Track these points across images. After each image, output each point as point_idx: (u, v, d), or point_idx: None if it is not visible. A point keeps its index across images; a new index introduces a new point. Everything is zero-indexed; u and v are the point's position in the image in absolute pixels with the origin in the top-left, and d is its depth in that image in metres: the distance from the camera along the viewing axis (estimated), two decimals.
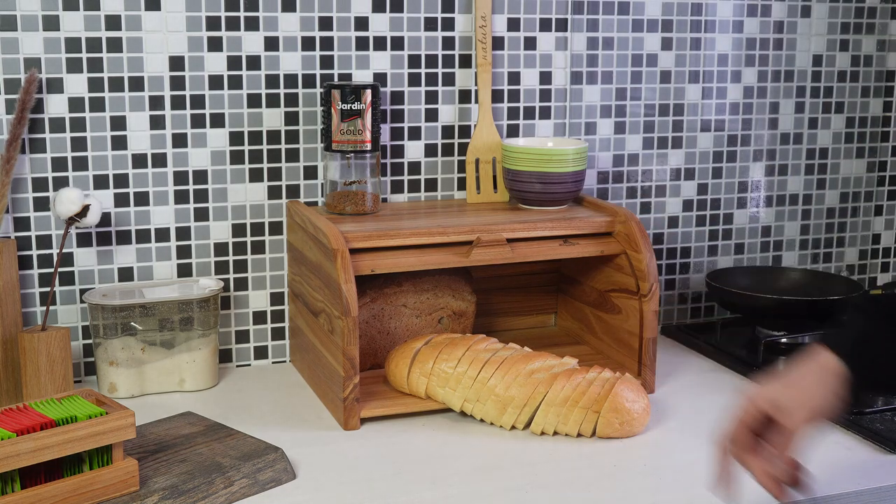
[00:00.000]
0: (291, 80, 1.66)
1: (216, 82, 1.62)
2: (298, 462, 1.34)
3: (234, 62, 1.62)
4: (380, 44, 1.70)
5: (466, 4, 1.73)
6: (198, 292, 1.59)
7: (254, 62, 1.63)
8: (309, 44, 1.66)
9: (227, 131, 1.64)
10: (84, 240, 1.60)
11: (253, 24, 1.62)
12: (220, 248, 1.68)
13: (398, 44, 1.71)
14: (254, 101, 1.65)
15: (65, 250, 1.59)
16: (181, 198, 1.64)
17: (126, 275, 1.63)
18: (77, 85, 1.55)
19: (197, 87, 1.61)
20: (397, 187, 1.76)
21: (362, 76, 1.70)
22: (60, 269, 1.59)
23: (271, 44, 1.64)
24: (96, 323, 1.54)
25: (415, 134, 1.75)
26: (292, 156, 1.68)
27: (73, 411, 1.17)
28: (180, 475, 1.24)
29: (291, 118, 1.67)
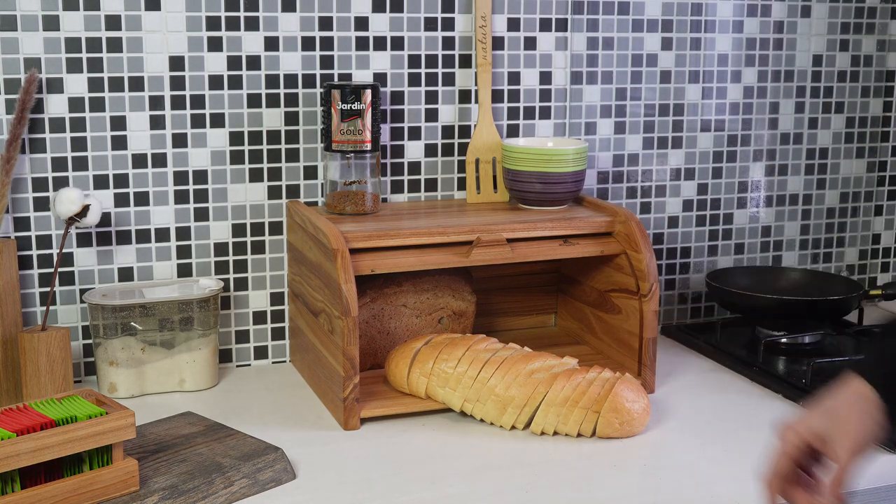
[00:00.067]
0: (291, 80, 1.66)
1: (216, 82, 1.62)
2: (298, 462, 1.34)
3: (234, 62, 1.62)
4: (380, 44, 1.70)
5: (466, 4, 1.73)
6: (198, 292, 1.59)
7: (254, 62, 1.63)
8: (309, 44, 1.66)
9: (227, 131, 1.64)
10: (84, 240, 1.60)
11: (253, 24, 1.62)
12: (220, 248, 1.68)
13: (398, 44, 1.71)
14: (254, 101, 1.65)
15: (65, 250, 1.59)
16: (181, 198, 1.64)
17: (126, 275, 1.63)
18: (77, 85, 1.55)
19: (197, 87, 1.61)
20: (397, 187, 1.76)
21: (362, 76, 1.70)
22: (60, 269, 1.59)
23: (271, 44, 1.64)
24: (96, 323, 1.54)
25: (415, 134, 1.75)
26: (292, 156, 1.68)
27: (73, 411, 1.16)
28: (180, 475, 1.24)
29: (291, 118, 1.67)
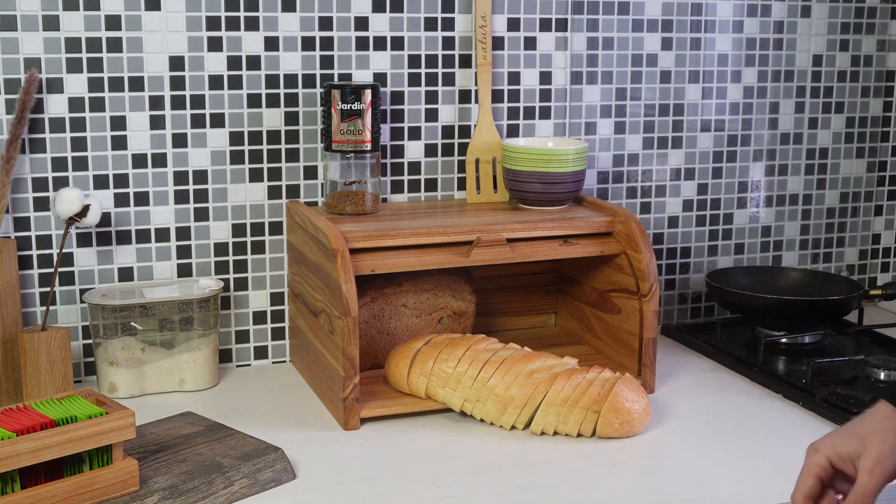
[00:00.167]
0: (291, 80, 1.66)
1: (216, 82, 1.62)
2: (298, 462, 1.34)
3: (234, 62, 1.62)
4: (380, 44, 1.70)
5: (466, 4, 1.73)
6: (198, 292, 1.59)
7: (254, 62, 1.63)
8: (309, 44, 1.66)
9: (227, 131, 1.64)
10: (84, 240, 1.60)
11: (253, 24, 1.62)
12: (220, 248, 1.68)
13: (398, 44, 1.71)
14: (254, 101, 1.65)
15: (65, 250, 1.59)
16: (181, 198, 1.64)
17: (126, 275, 1.63)
18: (77, 85, 1.55)
19: (197, 87, 1.61)
20: (397, 187, 1.76)
21: (362, 76, 1.70)
22: (60, 269, 1.59)
23: (271, 44, 1.64)
24: (96, 323, 1.54)
25: (415, 134, 1.75)
26: (292, 156, 1.68)
27: (73, 411, 1.16)
28: (180, 475, 1.24)
29: (291, 118, 1.67)
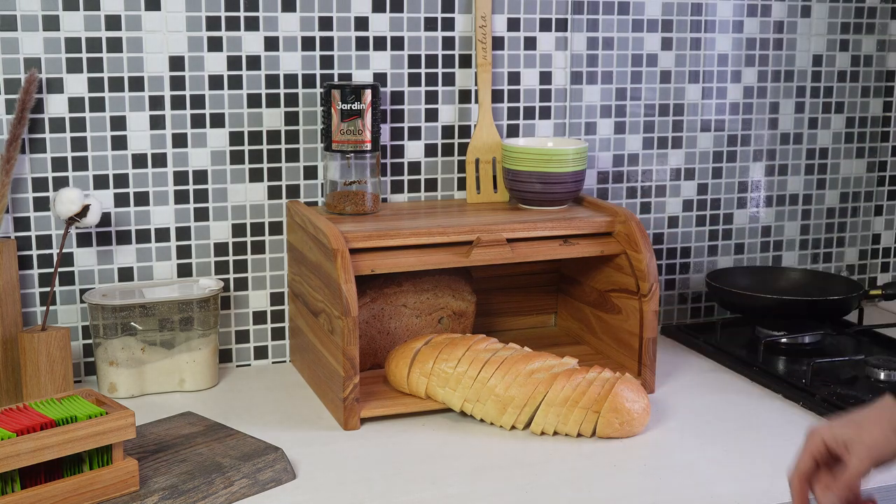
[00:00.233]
0: (291, 80, 1.66)
1: (216, 82, 1.62)
2: (298, 462, 1.34)
3: (234, 62, 1.62)
4: (380, 44, 1.70)
5: (466, 4, 1.73)
6: (198, 292, 1.59)
7: (254, 62, 1.63)
8: (309, 44, 1.66)
9: (227, 131, 1.64)
10: (84, 240, 1.60)
11: (253, 24, 1.62)
12: (220, 248, 1.68)
13: (398, 44, 1.71)
14: (254, 101, 1.65)
15: (65, 250, 1.58)
16: (181, 198, 1.64)
17: (126, 275, 1.63)
18: (77, 85, 1.55)
19: (197, 87, 1.61)
20: (397, 187, 1.76)
21: (362, 76, 1.70)
22: (60, 269, 1.59)
23: (271, 44, 1.64)
24: (96, 323, 1.54)
25: (415, 134, 1.75)
26: (292, 156, 1.68)
27: (73, 411, 1.16)
28: (180, 475, 1.24)
29: (291, 118, 1.67)
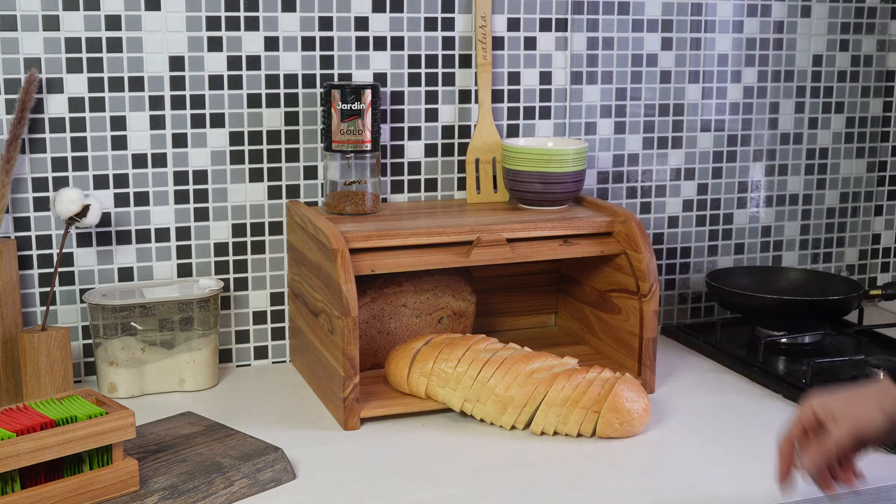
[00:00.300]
0: (291, 80, 1.66)
1: (216, 82, 1.62)
2: (298, 462, 1.34)
3: (234, 62, 1.62)
4: (380, 44, 1.70)
5: (466, 4, 1.73)
6: (198, 292, 1.59)
7: (254, 62, 1.63)
8: (309, 44, 1.66)
9: (227, 131, 1.64)
10: (84, 240, 1.60)
11: (253, 24, 1.62)
12: (220, 248, 1.68)
13: (398, 44, 1.71)
14: (254, 101, 1.65)
15: (65, 250, 1.58)
16: (181, 198, 1.64)
17: (126, 275, 1.63)
18: (77, 85, 1.55)
19: (197, 87, 1.61)
20: (397, 187, 1.76)
21: (362, 76, 1.70)
22: (60, 269, 1.59)
23: (271, 44, 1.64)
24: (96, 323, 1.54)
25: (415, 134, 1.75)
26: (292, 156, 1.68)
27: (73, 411, 1.16)
28: (180, 475, 1.24)
29: (291, 118, 1.67)
